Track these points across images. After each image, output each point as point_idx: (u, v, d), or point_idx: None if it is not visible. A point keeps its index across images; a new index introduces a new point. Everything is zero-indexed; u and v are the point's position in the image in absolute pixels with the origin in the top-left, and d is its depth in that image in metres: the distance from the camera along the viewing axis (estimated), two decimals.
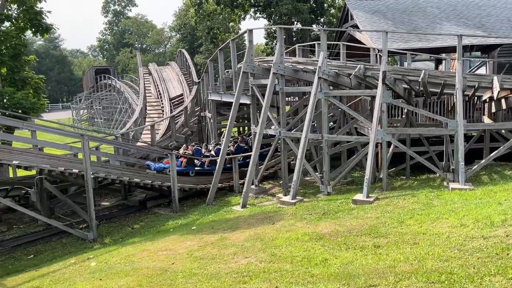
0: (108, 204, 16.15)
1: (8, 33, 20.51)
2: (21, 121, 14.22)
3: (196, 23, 46.06)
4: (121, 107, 41.30)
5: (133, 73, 65.66)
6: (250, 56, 13.92)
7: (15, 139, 15.77)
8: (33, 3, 21.00)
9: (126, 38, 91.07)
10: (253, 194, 14.15)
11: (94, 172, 11.89)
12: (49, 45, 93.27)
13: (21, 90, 20.32)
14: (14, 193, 15.18)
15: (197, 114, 25.18)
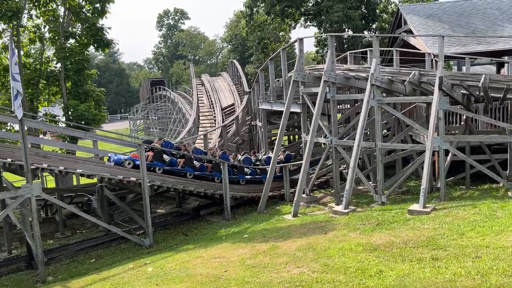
0: (163, 211, 16.67)
1: (73, 49, 21.91)
2: (84, 132, 15.05)
3: (247, 33, 46.73)
4: (175, 117, 42.61)
5: (186, 84, 67.64)
6: (301, 65, 13.93)
7: (78, 149, 16.70)
8: (95, 21, 22.32)
9: (180, 51, 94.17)
10: (304, 203, 14.07)
11: (150, 180, 12.33)
12: (108, 59, 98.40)
13: (84, 102, 21.58)
14: (77, 200, 16.13)
15: (248, 123, 25.47)
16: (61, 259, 11.65)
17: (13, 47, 9.78)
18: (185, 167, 14.35)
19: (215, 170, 15.06)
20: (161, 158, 13.72)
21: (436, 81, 10.94)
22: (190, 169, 14.41)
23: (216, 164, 15.10)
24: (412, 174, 14.52)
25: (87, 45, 23.10)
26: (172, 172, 13.93)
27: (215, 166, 15.10)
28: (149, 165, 13.04)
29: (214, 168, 15.10)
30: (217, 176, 15.00)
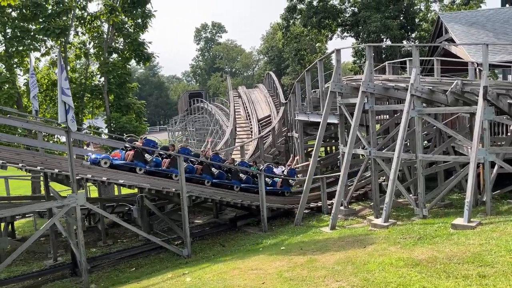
0: (201, 221, 16.86)
1: (116, 63, 22.79)
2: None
3: (283, 45, 47.01)
4: (212, 129, 43.18)
5: (223, 96, 68.55)
6: (338, 75, 13.84)
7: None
8: (136, 36, 23.15)
9: (217, 63, 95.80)
10: (342, 215, 13.84)
11: (189, 191, 12.53)
12: (148, 73, 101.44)
13: (126, 115, 22.33)
14: (119, 209, 16.61)
15: (284, 134, 25.46)
16: (103, 267, 11.99)
17: (62, 63, 10.30)
18: (203, 174, 14.18)
19: (234, 178, 14.92)
20: (142, 158, 12.90)
21: (480, 91, 10.57)
22: (208, 177, 14.30)
23: (234, 172, 14.94)
24: (455, 187, 14.02)
25: (128, 59, 24.00)
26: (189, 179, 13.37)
27: (234, 174, 14.95)
28: (129, 164, 12.57)
29: (234, 176, 14.93)
30: (236, 184, 14.84)
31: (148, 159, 13.04)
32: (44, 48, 22.87)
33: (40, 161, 10.95)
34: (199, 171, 14.12)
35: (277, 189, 15.87)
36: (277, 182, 15.99)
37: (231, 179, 14.88)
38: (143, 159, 12.85)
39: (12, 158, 10.49)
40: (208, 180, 14.16)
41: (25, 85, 22.30)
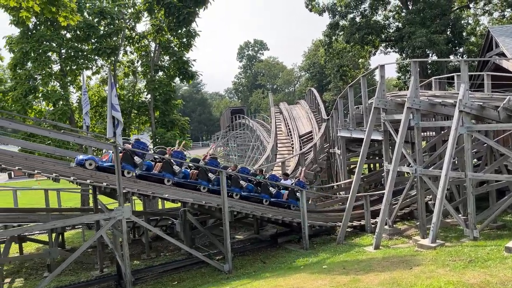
0: (242, 237, 16.88)
1: (161, 81, 23.56)
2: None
3: (326, 61, 46.89)
4: (253, 145, 43.46)
5: (264, 112, 69.02)
6: (382, 91, 13.62)
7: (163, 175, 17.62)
8: (181, 54, 23.87)
9: (259, 80, 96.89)
10: (386, 235, 13.44)
11: (230, 206, 12.62)
12: (192, 90, 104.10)
13: (170, 130, 22.93)
14: (162, 223, 16.95)
15: (326, 150, 25.20)
16: (146, 279, 12.21)
17: (112, 81, 10.81)
18: (231, 187, 13.60)
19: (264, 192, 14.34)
20: (131, 161, 12.12)
21: None
22: (237, 189, 13.88)
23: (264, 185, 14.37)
24: (509, 207, 13.27)
25: (173, 77, 24.72)
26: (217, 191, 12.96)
27: (264, 187, 14.40)
28: (157, 175, 12.26)
29: (263, 190, 14.39)
30: (265, 198, 14.31)
31: (177, 171, 12.86)
32: (95, 67, 24.03)
33: (90, 174, 11.40)
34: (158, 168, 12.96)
35: (282, 201, 14.82)
36: (282, 194, 15.06)
37: (260, 192, 14.40)
38: (133, 162, 12.16)
39: (64, 172, 10.98)
40: (237, 193, 13.78)
41: (77, 102, 23.44)
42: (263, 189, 14.45)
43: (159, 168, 12.65)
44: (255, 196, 14.23)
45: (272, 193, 14.66)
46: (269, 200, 14.37)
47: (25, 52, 20.70)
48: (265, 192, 14.47)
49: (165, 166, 12.77)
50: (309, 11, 38.52)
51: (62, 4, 9.28)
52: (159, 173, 12.63)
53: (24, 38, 21.08)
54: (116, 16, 22.63)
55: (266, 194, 14.45)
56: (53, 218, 14.37)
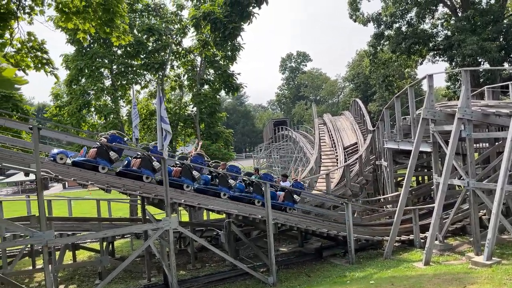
0: (286, 250, 16.77)
1: (207, 94, 24.09)
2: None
3: (370, 72, 46.12)
4: (296, 156, 43.27)
5: (308, 123, 68.70)
6: (431, 102, 13.21)
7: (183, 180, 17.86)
8: (226, 68, 24.34)
9: (302, 91, 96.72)
10: (437, 250, 12.90)
11: (274, 218, 12.61)
12: (236, 102, 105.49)
13: (215, 143, 23.33)
14: (207, 234, 17.17)
15: (372, 162, 24.65)
16: None
17: (160, 95, 11.18)
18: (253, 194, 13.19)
19: (256, 192, 13.25)
20: (107, 156, 11.46)
21: None
22: (259, 196, 13.09)
23: (256, 186, 13.24)
24: None
25: (218, 90, 25.23)
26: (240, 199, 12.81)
27: (256, 188, 13.28)
28: (91, 162, 11.19)
29: (256, 190, 13.29)
30: (257, 199, 13.11)
31: (113, 157, 11.67)
32: (144, 82, 24.98)
33: (139, 185, 11.78)
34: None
35: (277, 203, 13.71)
36: (278, 195, 13.98)
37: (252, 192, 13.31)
38: (108, 157, 11.51)
39: (115, 182, 11.42)
40: (259, 200, 13.13)
41: (127, 115, 24.41)
42: (255, 189, 13.32)
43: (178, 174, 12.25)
44: (247, 197, 13.15)
45: (113, 159, 12.50)
46: (262, 201, 13.07)
47: (79, 69, 21.89)
48: (257, 192, 13.29)
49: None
50: (353, 21, 38.18)
51: (115, 25, 9.79)
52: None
53: (79, 56, 22.30)
54: (164, 32, 23.48)
55: (258, 194, 13.25)
56: (104, 227, 14.96)
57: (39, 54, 10.15)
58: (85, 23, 9.43)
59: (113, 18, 9.53)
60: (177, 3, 25.21)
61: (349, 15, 38.20)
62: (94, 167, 11.21)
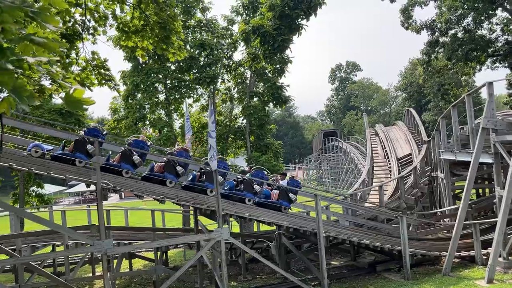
0: (338, 263, 16.45)
1: (256, 106, 24.36)
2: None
3: (424, 80, 44.65)
4: (347, 168, 42.53)
5: (358, 134, 67.39)
6: (491, 110, 12.56)
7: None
8: (275, 80, 24.54)
9: (352, 102, 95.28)
10: (501, 268, 12.11)
11: (326, 231, 12.43)
12: (285, 113, 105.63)
13: (264, 154, 23.47)
14: (257, 245, 17.21)
15: (427, 174, 23.71)
16: None
17: (212, 108, 11.46)
18: (279, 200, 12.72)
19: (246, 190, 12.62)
20: (84, 149, 11.07)
21: None
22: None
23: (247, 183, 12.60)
24: None
25: (268, 102, 25.45)
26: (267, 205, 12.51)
27: (247, 185, 12.69)
28: (69, 156, 10.95)
29: (246, 187, 12.64)
30: (248, 197, 12.53)
31: (90, 150, 11.27)
32: (196, 95, 25.71)
33: (192, 196, 12.08)
34: (275, 196, 12.86)
35: (271, 202, 12.94)
36: (270, 193, 13.18)
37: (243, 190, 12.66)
38: (85, 151, 11.12)
39: (169, 194, 11.78)
40: (250, 199, 12.58)
41: (179, 128, 25.18)
42: (245, 187, 12.66)
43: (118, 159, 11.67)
44: (236, 195, 12.54)
45: (257, 192, 12.81)
46: (254, 199, 12.59)
47: (136, 84, 22.94)
48: (248, 190, 12.66)
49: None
50: (405, 29, 37.26)
51: (171, 42, 10.26)
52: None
53: (135, 72, 23.40)
54: (215, 47, 24.11)
55: (249, 192, 12.66)
56: (158, 237, 15.41)
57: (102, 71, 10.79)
58: (143, 41, 9.96)
59: (169, 35, 9.99)
60: (228, 18, 25.84)
61: (401, 23, 37.35)
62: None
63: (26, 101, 1.78)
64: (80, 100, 2.02)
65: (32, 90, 1.85)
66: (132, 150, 11.71)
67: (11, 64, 1.74)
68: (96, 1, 9.99)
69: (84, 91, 2.03)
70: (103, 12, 10.31)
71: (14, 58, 1.78)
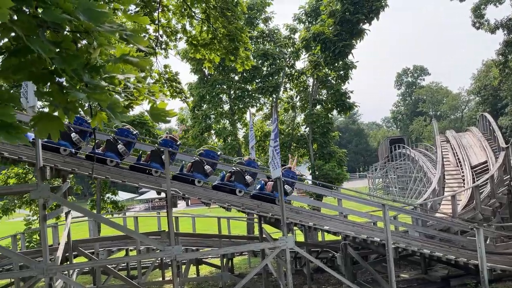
0: (407, 276, 15.76)
1: (319, 114, 24.17)
2: (329, 190, 15.98)
3: (500, 83, 41.79)
4: (415, 176, 40.75)
5: (427, 141, 64.42)
6: None
7: (323, 206, 17.77)
8: (339, 87, 24.23)
9: (420, 107, 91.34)
10: None
11: (394, 242, 11.99)
12: (348, 121, 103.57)
13: (328, 162, 23.16)
14: (322, 255, 16.98)
15: (506, 183, 22.06)
16: None
17: (275, 117, 11.57)
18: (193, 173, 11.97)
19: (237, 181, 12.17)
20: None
21: None
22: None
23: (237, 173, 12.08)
24: None
25: (330, 109, 25.15)
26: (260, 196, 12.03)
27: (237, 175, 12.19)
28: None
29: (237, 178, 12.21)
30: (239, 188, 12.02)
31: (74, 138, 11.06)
32: (259, 104, 26.04)
33: (257, 204, 12.22)
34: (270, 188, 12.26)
35: (265, 193, 12.34)
36: (265, 185, 12.60)
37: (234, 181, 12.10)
38: (70, 141, 10.93)
39: (235, 201, 12.01)
40: (240, 190, 12.04)
41: (243, 137, 25.62)
42: (236, 177, 12.18)
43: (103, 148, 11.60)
44: (267, 195, 12.18)
45: (248, 183, 12.33)
46: (244, 190, 12.09)
47: (201, 95, 23.75)
48: (239, 181, 12.17)
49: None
50: (476, 29, 35.20)
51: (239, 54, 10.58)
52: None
53: (201, 84, 24.25)
54: (278, 57, 24.32)
55: (240, 183, 12.16)
56: (224, 244, 15.73)
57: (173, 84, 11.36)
58: (211, 53, 10.37)
59: (238, 46, 10.31)
60: (290, 27, 25.98)
61: (472, 23, 35.35)
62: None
63: (119, 116, 1.96)
64: (164, 112, 2.17)
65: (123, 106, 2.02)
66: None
67: (104, 81, 1.92)
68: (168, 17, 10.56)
69: (167, 104, 2.17)
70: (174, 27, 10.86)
71: (107, 76, 1.96)
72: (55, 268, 8.70)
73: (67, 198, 10.66)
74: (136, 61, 1.96)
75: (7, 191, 16.89)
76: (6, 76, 1.98)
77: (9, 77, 1.99)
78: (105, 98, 1.87)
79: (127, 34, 1.86)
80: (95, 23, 1.73)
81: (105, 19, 1.77)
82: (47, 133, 2.16)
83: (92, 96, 1.91)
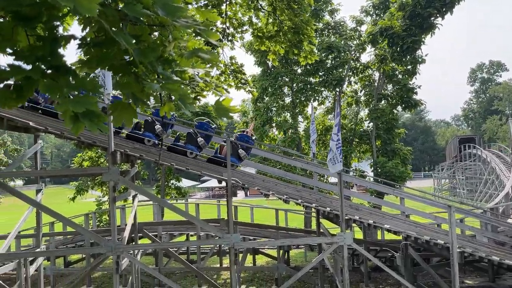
0: (472, 283, 14.97)
1: (384, 109, 23.43)
2: (392, 188, 15.50)
3: None
4: (486, 178, 38.30)
5: (502, 141, 60.22)
6: None
7: (385, 204, 17.29)
8: (406, 82, 23.30)
9: (495, 105, 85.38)
10: None
11: (460, 246, 11.42)
12: (414, 117, 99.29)
13: (391, 160, 22.43)
14: (381, 254, 16.57)
15: None
16: None
17: (338, 111, 11.40)
18: None
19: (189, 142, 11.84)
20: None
21: None
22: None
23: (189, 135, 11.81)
24: None
25: (395, 105, 24.27)
26: None
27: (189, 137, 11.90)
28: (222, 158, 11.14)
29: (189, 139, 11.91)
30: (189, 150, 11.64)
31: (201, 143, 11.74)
32: (321, 98, 25.73)
33: (315, 199, 12.18)
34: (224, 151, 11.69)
35: (219, 157, 11.77)
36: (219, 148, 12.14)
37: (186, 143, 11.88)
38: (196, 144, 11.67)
39: (293, 194, 12.05)
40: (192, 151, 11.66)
41: (303, 131, 25.48)
42: (188, 139, 11.78)
43: None
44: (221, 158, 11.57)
45: (200, 145, 11.90)
46: (196, 152, 11.68)
47: (264, 88, 23.91)
48: (190, 143, 11.75)
49: None
50: None
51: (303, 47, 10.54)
52: None
53: (264, 76, 24.40)
54: (343, 49, 23.84)
55: (191, 145, 11.76)
56: (281, 235, 15.84)
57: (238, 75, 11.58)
58: (276, 46, 10.43)
59: (302, 40, 10.27)
60: (356, 19, 25.34)
61: None
62: None
63: (189, 107, 2.07)
64: (228, 108, 2.27)
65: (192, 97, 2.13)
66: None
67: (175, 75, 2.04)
68: (235, 10, 10.75)
69: (231, 100, 2.25)
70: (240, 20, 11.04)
71: (178, 69, 2.07)
72: (122, 247, 9.27)
73: (134, 182, 11.28)
74: (208, 57, 2.06)
75: (82, 172, 18.19)
76: (90, 66, 2.16)
77: (93, 67, 2.17)
78: (177, 88, 1.98)
79: (200, 29, 1.95)
80: (171, 18, 1.84)
81: (181, 13, 1.87)
82: (121, 121, 2.33)
83: (166, 87, 2.04)
